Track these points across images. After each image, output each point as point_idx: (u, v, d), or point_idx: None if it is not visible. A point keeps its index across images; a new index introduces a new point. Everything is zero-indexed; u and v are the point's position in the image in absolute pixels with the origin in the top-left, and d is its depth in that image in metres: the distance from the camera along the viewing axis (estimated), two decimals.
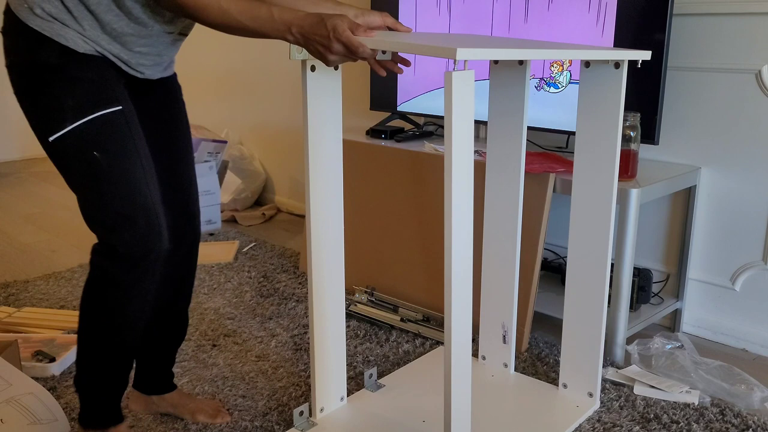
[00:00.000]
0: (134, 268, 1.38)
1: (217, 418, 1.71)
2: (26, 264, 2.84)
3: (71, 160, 1.36)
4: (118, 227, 1.36)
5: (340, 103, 1.53)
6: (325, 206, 1.56)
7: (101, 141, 1.34)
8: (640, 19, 1.99)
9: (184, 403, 1.73)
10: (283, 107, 3.51)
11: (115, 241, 1.36)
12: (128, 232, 1.36)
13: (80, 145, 1.34)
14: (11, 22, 1.35)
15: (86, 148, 1.34)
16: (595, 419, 1.70)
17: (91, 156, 1.34)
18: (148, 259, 1.38)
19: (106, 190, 1.35)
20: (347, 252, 1.65)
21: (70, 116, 1.32)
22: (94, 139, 1.34)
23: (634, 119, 1.95)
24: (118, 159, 1.36)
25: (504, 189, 1.79)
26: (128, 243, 1.36)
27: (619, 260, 1.95)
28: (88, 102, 1.33)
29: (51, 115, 1.33)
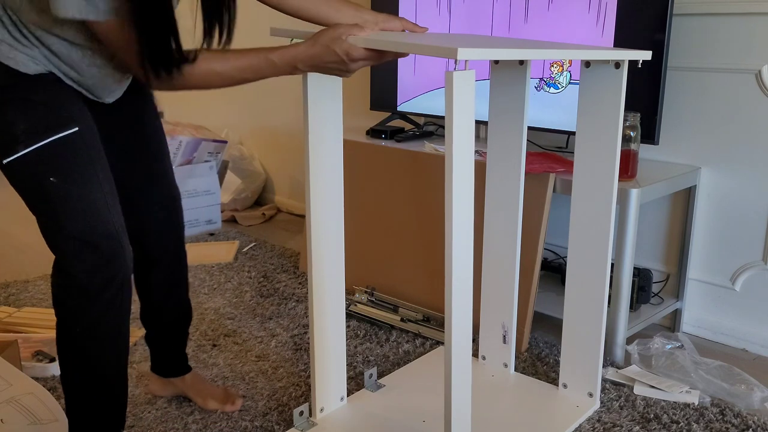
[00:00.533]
0: (96, 298, 1.31)
1: (226, 406, 1.75)
2: (26, 264, 2.83)
3: (27, 184, 1.31)
4: (78, 253, 1.28)
5: (341, 103, 1.53)
6: (325, 206, 1.56)
7: (57, 166, 1.28)
8: (640, 19, 1.99)
9: (199, 388, 1.78)
10: (283, 107, 3.51)
11: (76, 268, 1.29)
12: (89, 258, 1.29)
13: (35, 170, 1.28)
14: None
15: (41, 174, 1.28)
16: (595, 419, 1.70)
17: (47, 181, 1.28)
18: (111, 287, 1.31)
19: (63, 216, 1.29)
20: (347, 252, 1.65)
21: (23, 140, 1.26)
22: (49, 164, 1.28)
23: (634, 119, 1.95)
24: (76, 184, 1.29)
25: (504, 189, 1.79)
26: (88, 271, 1.29)
27: (619, 260, 1.95)
28: (41, 125, 1.28)
29: (3, 139, 1.28)
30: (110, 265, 1.30)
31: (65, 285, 1.32)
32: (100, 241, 1.29)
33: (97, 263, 1.29)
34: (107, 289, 1.31)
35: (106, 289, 1.31)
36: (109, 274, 1.31)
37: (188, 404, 1.77)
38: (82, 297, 1.31)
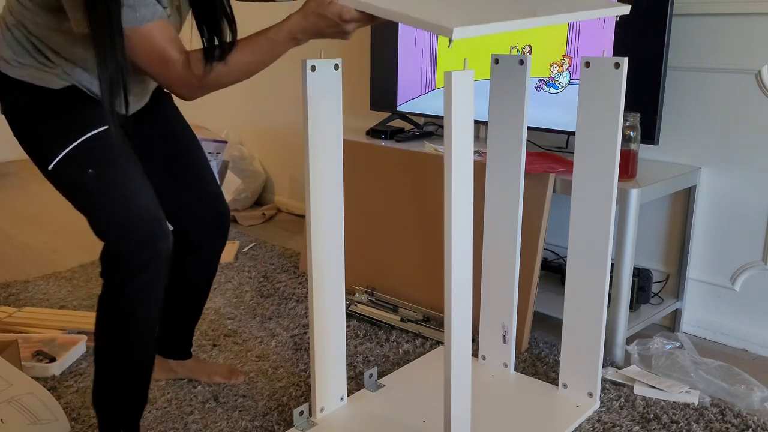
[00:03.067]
0: (143, 271, 1.42)
1: (232, 378, 1.87)
2: (26, 264, 2.84)
3: (69, 183, 1.45)
4: (123, 235, 1.40)
5: (340, 103, 1.53)
6: (325, 206, 1.56)
7: (93, 160, 1.42)
8: (640, 19, 1.99)
9: (201, 368, 1.88)
10: (283, 107, 3.51)
11: (122, 247, 1.41)
12: (133, 238, 1.40)
13: (76, 167, 1.42)
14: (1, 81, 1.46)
15: (82, 168, 1.42)
16: (595, 419, 1.70)
17: (87, 174, 1.41)
18: (156, 261, 1.42)
19: (106, 204, 1.42)
20: (347, 252, 1.65)
21: (60, 144, 1.41)
22: (87, 159, 1.42)
23: (634, 119, 1.95)
24: (112, 173, 1.43)
25: (504, 189, 1.79)
26: (134, 250, 1.40)
27: (619, 260, 1.95)
28: (74, 128, 1.42)
29: (44, 148, 1.43)
30: (152, 245, 1.41)
31: (114, 264, 1.43)
32: (140, 224, 1.41)
33: (140, 244, 1.40)
34: (151, 264, 1.42)
35: (150, 265, 1.42)
36: (153, 250, 1.41)
37: (188, 404, 1.77)
38: (129, 272, 1.42)
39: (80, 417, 1.73)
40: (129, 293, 1.44)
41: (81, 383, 1.88)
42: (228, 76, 1.34)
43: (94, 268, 2.74)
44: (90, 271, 2.71)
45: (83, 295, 2.48)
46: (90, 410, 1.75)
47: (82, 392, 1.84)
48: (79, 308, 2.37)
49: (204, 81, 1.34)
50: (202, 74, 1.33)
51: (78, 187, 1.44)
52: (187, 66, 1.33)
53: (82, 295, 2.48)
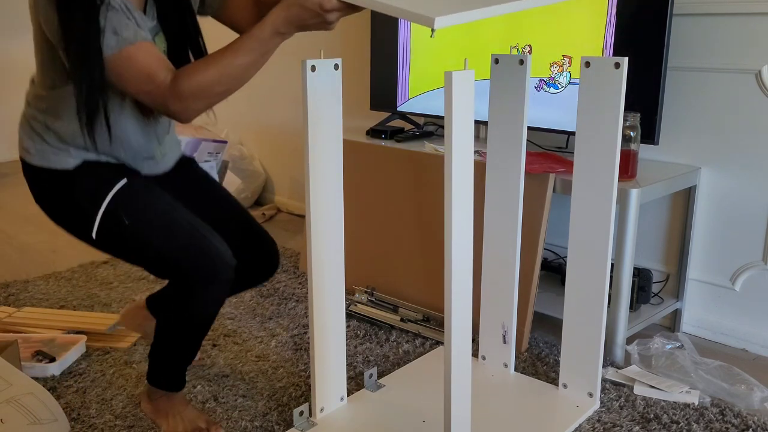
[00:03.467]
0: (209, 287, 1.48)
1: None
2: (26, 264, 2.84)
3: (116, 240, 1.48)
4: (183, 268, 1.45)
5: (340, 103, 1.53)
6: (325, 206, 1.56)
7: (128, 209, 1.47)
8: (640, 19, 1.99)
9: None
10: (283, 107, 3.51)
11: (186, 279, 1.46)
12: (193, 268, 1.44)
13: (115, 223, 1.46)
14: (23, 168, 1.56)
15: (120, 222, 1.46)
16: (595, 419, 1.70)
17: (127, 226, 1.46)
18: (218, 279, 1.47)
19: (155, 243, 1.46)
20: (347, 252, 1.65)
21: (92, 212, 1.46)
22: (122, 211, 1.46)
23: (634, 119, 1.95)
24: (150, 214, 1.49)
25: (504, 189, 1.79)
26: (198, 278, 1.45)
27: (619, 260, 1.95)
28: (98, 193, 1.47)
29: (80, 222, 1.48)
30: (212, 266, 1.45)
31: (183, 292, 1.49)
32: (194, 249, 1.45)
33: (201, 268, 1.45)
34: (215, 280, 1.47)
35: (215, 281, 1.47)
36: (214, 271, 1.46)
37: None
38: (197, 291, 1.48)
39: (80, 417, 1.73)
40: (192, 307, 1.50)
41: (81, 383, 1.88)
42: (219, 83, 1.31)
43: (93, 268, 2.74)
44: (90, 271, 2.71)
45: (83, 295, 2.48)
46: (90, 410, 1.75)
47: (82, 392, 1.84)
48: (79, 308, 2.37)
49: (195, 91, 1.30)
50: (193, 85, 1.30)
51: (126, 242, 1.48)
52: (175, 81, 1.31)
53: (82, 295, 2.48)
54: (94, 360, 2.00)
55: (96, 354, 2.04)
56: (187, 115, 1.35)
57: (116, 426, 1.69)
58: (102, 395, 1.82)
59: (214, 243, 1.47)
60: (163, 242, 1.46)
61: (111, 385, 1.87)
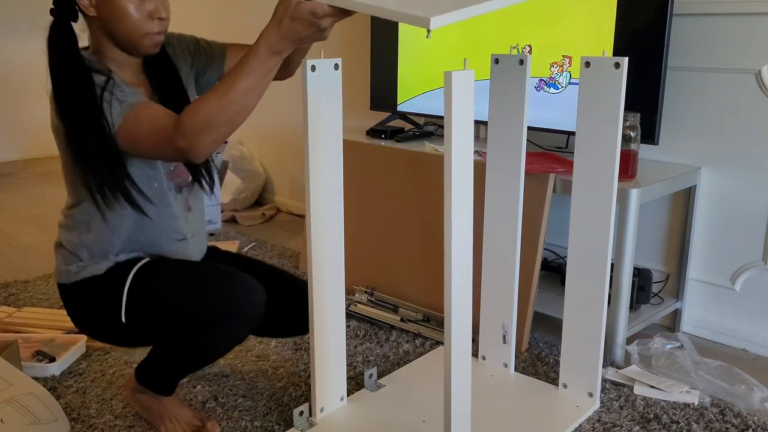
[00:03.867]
0: (235, 318, 1.48)
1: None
2: (26, 264, 2.84)
3: (145, 307, 1.50)
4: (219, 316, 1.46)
5: (340, 103, 1.53)
6: (325, 206, 1.56)
7: (153, 274, 1.51)
8: (640, 18, 1.99)
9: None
10: (283, 107, 3.51)
11: (215, 308, 1.46)
12: (221, 298, 1.46)
13: (141, 291, 1.49)
14: (61, 293, 1.59)
15: (144, 286, 1.49)
16: (595, 419, 1.70)
17: (153, 286, 1.50)
18: (247, 310, 1.48)
19: (183, 286, 1.49)
20: (347, 252, 1.65)
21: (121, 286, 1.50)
22: (146, 279, 1.50)
23: (634, 119, 1.95)
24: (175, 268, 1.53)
25: (504, 189, 1.79)
26: (226, 308, 1.46)
27: (619, 260, 1.95)
28: (126, 270, 1.51)
29: (109, 307, 1.51)
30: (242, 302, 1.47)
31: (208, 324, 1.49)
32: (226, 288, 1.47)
33: (229, 304, 1.46)
34: (240, 316, 1.48)
35: (240, 317, 1.48)
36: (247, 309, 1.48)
37: (188, 404, 1.77)
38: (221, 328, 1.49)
39: (80, 417, 1.73)
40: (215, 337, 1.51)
41: (81, 383, 1.88)
42: (221, 112, 1.28)
43: None
44: None
45: None
46: (90, 410, 1.75)
47: (82, 392, 1.84)
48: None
49: (198, 124, 1.28)
50: (196, 119, 1.28)
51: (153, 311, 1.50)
52: (179, 119, 1.31)
53: None
54: (94, 360, 2.00)
55: (96, 354, 2.04)
56: (196, 151, 1.31)
57: (116, 426, 1.69)
58: (102, 395, 1.82)
59: (241, 275, 1.49)
60: (190, 283, 1.49)
61: (111, 385, 1.87)
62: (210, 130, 1.28)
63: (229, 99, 1.27)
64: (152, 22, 1.44)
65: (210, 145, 1.30)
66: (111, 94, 1.38)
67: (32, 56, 5.15)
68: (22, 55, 5.03)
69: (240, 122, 1.31)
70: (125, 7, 1.41)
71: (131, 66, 1.50)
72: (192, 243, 1.62)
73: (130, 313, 1.50)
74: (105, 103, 1.38)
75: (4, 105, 4.95)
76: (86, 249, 1.53)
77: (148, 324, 1.52)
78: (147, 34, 1.44)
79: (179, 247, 1.59)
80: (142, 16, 1.43)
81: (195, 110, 1.29)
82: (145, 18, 1.43)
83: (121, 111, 1.37)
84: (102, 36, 1.46)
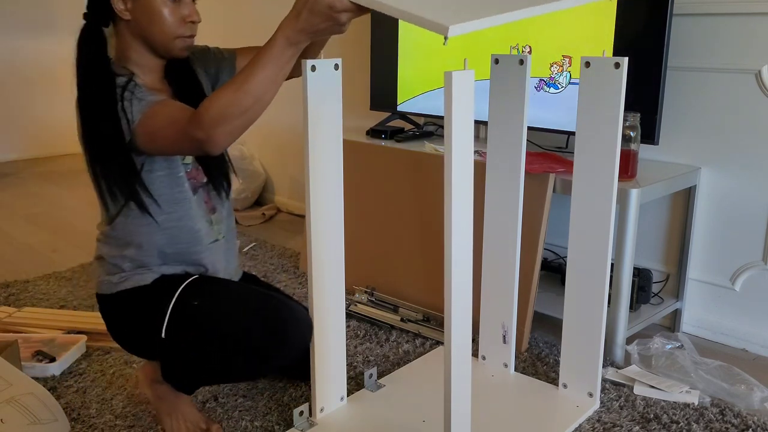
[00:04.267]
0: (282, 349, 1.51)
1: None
2: (26, 264, 2.84)
3: (187, 327, 1.50)
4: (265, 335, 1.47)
5: (340, 103, 1.53)
6: (325, 206, 1.56)
7: (198, 293, 1.52)
8: (640, 18, 1.99)
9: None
10: (283, 107, 3.50)
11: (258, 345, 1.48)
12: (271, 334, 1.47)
13: (185, 310, 1.50)
14: (101, 303, 1.61)
15: (189, 305, 1.50)
16: (595, 419, 1.70)
17: (197, 306, 1.50)
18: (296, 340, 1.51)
19: (229, 311, 1.49)
20: (347, 252, 1.65)
21: (165, 303, 1.50)
22: (191, 297, 1.51)
23: (634, 119, 1.95)
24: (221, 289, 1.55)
25: (504, 189, 1.79)
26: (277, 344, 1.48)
27: (619, 260, 1.95)
28: (172, 286, 1.52)
29: (150, 321, 1.51)
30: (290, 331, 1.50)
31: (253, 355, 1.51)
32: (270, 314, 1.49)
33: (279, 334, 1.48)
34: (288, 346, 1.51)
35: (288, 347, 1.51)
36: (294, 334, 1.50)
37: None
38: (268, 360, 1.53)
39: (80, 417, 1.73)
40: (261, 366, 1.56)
41: (81, 383, 1.88)
42: (237, 103, 1.28)
43: None
44: (90, 272, 2.71)
45: (83, 295, 2.48)
46: (90, 410, 1.75)
47: (82, 392, 1.84)
48: (79, 308, 2.37)
49: (214, 115, 1.28)
50: (212, 110, 1.28)
51: (196, 326, 1.50)
52: (196, 111, 1.32)
53: (82, 295, 2.48)
54: (94, 360, 2.00)
55: (96, 354, 2.04)
56: (213, 142, 1.30)
57: (116, 426, 1.69)
58: (102, 395, 1.82)
59: (290, 304, 1.52)
60: (237, 308, 1.49)
61: (111, 385, 1.87)
62: (227, 121, 1.29)
63: (246, 90, 1.27)
64: (185, 25, 1.48)
65: (227, 136, 1.30)
66: (132, 94, 1.41)
67: (33, 56, 5.16)
68: (23, 55, 5.03)
69: (256, 114, 1.31)
70: (160, 10, 1.45)
71: (155, 70, 1.53)
72: (224, 245, 1.66)
73: (171, 329, 1.50)
74: (126, 102, 1.40)
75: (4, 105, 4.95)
76: (128, 260, 1.55)
77: (188, 342, 1.51)
78: (179, 36, 1.48)
79: (215, 251, 1.62)
80: (176, 19, 1.47)
81: (212, 101, 1.30)
82: (178, 21, 1.47)
83: (141, 108, 1.39)
84: (132, 40, 1.49)
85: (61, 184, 4.23)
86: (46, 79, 5.10)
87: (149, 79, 1.52)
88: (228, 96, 1.28)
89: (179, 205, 1.53)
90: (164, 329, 1.50)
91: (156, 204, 1.50)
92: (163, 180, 1.50)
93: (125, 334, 1.62)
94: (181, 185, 1.53)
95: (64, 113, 5.36)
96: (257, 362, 1.52)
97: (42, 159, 4.90)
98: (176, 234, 1.55)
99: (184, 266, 1.58)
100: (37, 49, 5.09)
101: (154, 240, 1.53)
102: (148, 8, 1.45)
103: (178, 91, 1.57)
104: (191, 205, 1.56)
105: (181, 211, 1.54)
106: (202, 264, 1.60)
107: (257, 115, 1.31)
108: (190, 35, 1.50)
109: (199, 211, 1.58)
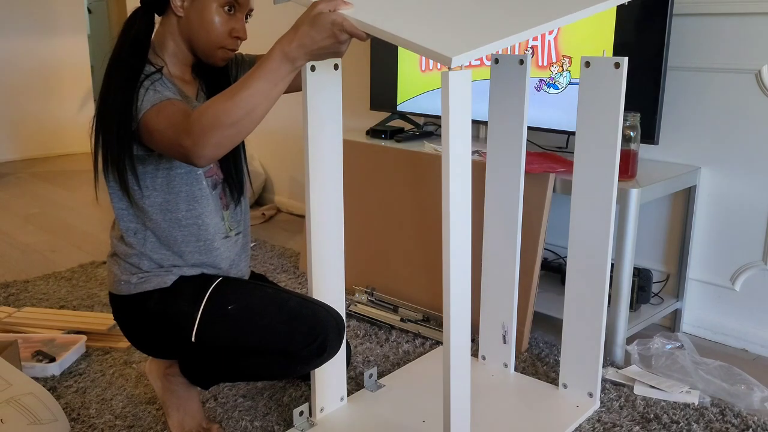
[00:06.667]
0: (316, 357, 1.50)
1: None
2: (26, 264, 2.84)
3: (219, 331, 1.49)
4: (305, 336, 1.46)
5: (340, 103, 1.53)
6: (325, 206, 1.56)
7: (230, 295, 1.51)
8: (640, 19, 1.99)
9: None
10: (282, 107, 3.50)
11: (299, 354, 1.47)
12: (309, 336, 1.46)
13: (217, 314, 1.49)
14: (114, 303, 1.58)
15: (222, 309, 1.49)
16: (595, 419, 1.70)
17: (231, 310, 1.49)
18: (330, 347, 1.50)
19: (264, 314, 1.49)
20: (347, 252, 1.65)
21: (195, 307, 1.49)
22: (224, 299, 1.50)
23: (634, 119, 1.95)
24: (254, 292, 1.53)
25: (504, 189, 1.79)
26: (311, 347, 1.47)
27: (619, 260, 1.95)
28: (199, 289, 1.51)
29: (178, 325, 1.50)
30: (322, 334, 1.47)
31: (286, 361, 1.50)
32: (305, 318, 1.48)
33: (312, 338, 1.47)
34: (332, 347, 1.50)
35: (332, 347, 1.50)
36: (326, 338, 1.48)
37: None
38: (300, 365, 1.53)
39: (80, 417, 1.73)
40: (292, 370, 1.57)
41: (81, 383, 1.88)
42: (228, 113, 1.24)
43: (93, 269, 2.74)
44: (90, 271, 2.71)
45: (83, 295, 2.48)
46: (90, 410, 1.75)
47: (82, 392, 1.84)
48: (79, 308, 2.37)
49: (204, 123, 1.25)
50: (202, 118, 1.26)
51: (229, 330, 1.49)
52: (188, 117, 1.30)
53: (82, 295, 2.48)
54: (94, 360, 2.00)
55: (96, 354, 2.04)
56: (198, 151, 1.27)
57: (116, 426, 1.69)
58: (102, 395, 1.82)
59: (323, 307, 1.51)
60: (272, 311, 1.49)
61: (111, 385, 1.87)
62: (215, 131, 1.25)
63: (236, 101, 1.24)
64: (231, 39, 1.49)
65: (213, 147, 1.26)
66: (152, 83, 1.40)
67: (32, 56, 5.16)
68: (23, 55, 5.03)
69: (247, 128, 1.27)
70: (212, 18, 1.46)
71: (186, 64, 1.53)
72: (241, 241, 1.66)
73: (202, 333, 1.49)
74: (142, 89, 1.38)
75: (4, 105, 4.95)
76: (146, 258, 1.53)
77: (223, 346, 1.51)
78: (223, 47, 1.49)
79: (229, 248, 1.60)
80: (224, 30, 1.47)
81: (203, 110, 1.28)
82: (226, 33, 1.48)
83: (153, 100, 1.37)
84: (177, 35, 1.49)
85: (60, 184, 4.23)
86: (45, 79, 5.11)
87: (179, 69, 1.52)
88: (219, 105, 1.25)
89: (198, 202, 1.52)
90: (194, 333, 1.48)
91: (138, 187, 1.48)
92: (183, 177, 1.49)
93: (144, 335, 1.60)
94: (200, 182, 1.52)
95: (63, 113, 5.36)
96: (295, 367, 1.52)
97: (41, 159, 4.90)
98: (195, 231, 1.54)
99: (200, 268, 1.57)
100: (37, 49, 5.09)
101: (173, 237, 1.52)
102: (203, 12, 1.45)
103: (206, 87, 1.57)
104: (209, 201, 1.55)
105: (199, 208, 1.53)
106: (217, 263, 1.58)
107: (247, 129, 1.27)
108: (233, 49, 1.51)
109: (216, 207, 1.58)
